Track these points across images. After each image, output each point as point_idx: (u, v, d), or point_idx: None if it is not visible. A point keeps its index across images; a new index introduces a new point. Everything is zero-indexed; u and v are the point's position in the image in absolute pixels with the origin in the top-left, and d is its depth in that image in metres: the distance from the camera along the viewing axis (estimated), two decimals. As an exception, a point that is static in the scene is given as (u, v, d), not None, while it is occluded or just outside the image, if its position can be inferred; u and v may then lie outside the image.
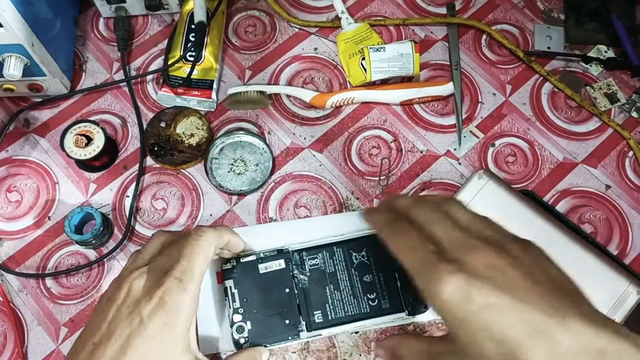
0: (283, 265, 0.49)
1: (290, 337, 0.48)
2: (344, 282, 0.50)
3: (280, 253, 0.50)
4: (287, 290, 0.49)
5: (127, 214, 0.60)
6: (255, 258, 0.50)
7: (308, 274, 0.50)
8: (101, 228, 0.57)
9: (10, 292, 0.57)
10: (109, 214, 0.60)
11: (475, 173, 0.59)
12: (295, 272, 0.49)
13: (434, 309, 0.37)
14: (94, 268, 0.58)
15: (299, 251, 0.51)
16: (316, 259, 0.50)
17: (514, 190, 0.59)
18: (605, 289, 0.55)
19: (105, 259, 0.58)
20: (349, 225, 0.59)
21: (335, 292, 0.49)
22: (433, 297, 0.36)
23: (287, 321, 0.48)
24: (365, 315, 0.49)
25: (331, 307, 0.49)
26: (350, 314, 0.49)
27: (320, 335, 0.49)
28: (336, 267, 0.50)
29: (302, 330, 0.48)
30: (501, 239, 0.39)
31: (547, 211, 0.59)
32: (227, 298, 0.49)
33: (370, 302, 0.49)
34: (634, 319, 0.55)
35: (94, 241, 0.57)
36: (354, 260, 0.51)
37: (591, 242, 0.58)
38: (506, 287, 0.35)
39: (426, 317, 0.55)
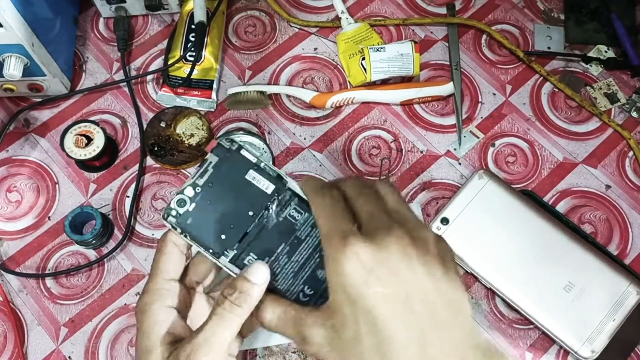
0: (268, 191, 0.43)
1: (211, 250, 0.42)
2: (300, 254, 0.43)
3: (278, 179, 0.43)
4: (250, 213, 0.42)
5: (127, 214, 0.60)
6: (254, 161, 0.44)
7: (280, 218, 0.43)
8: (101, 228, 0.57)
9: (10, 292, 0.57)
10: (109, 214, 0.60)
11: (476, 173, 0.59)
12: (272, 206, 0.43)
13: (329, 277, 0.36)
14: (94, 268, 0.58)
15: (293, 194, 0.44)
16: (299, 215, 0.43)
17: (514, 190, 0.59)
18: (605, 289, 0.55)
19: (105, 259, 0.58)
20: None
21: (284, 256, 0.43)
22: (333, 267, 0.35)
23: (223, 236, 0.42)
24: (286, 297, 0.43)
25: (267, 264, 0.42)
26: (274, 286, 0.42)
27: (235, 275, 0.42)
28: (308, 237, 0.43)
29: (226, 256, 0.42)
30: (420, 226, 0.38)
31: (547, 211, 0.59)
32: (199, 168, 0.43)
33: (304, 292, 0.42)
34: (634, 319, 0.55)
35: (94, 241, 0.57)
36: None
37: (591, 242, 0.58)
38: (405, 280, 0.34)
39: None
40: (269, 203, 0.43)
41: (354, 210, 0.39)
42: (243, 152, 0.43)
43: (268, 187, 0.43)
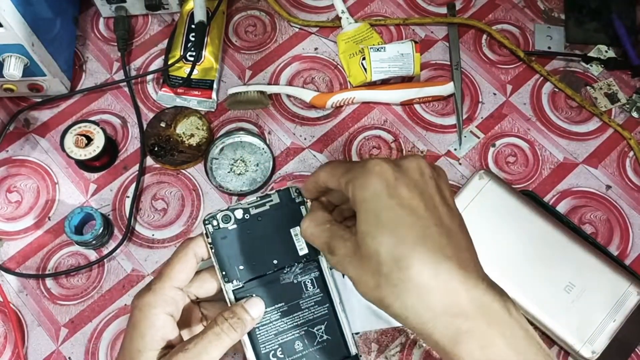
0: (301, 253, 0.44)
1: (224, 273, 0.42)
2: (292, 320, 0.43)
3: (314, 248, 0.44)
4: (274, 261, 0.43)
5: (127, 214, 0.60)
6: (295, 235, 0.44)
7: (295, 281, 0.44)
8: (101, 228, 0.57)
9: (10, 293, 0.57)
10: (109, 215, 0.60)
11: (476, 173, 0.59)
12: (297, 267, 0.43)
13: (352, 201, 0.38)
14: (94, 269, 0.58)
15: (318, 267, 0.44)
16: (311, 287, 0.44)
17: (514, 191, 0.59)
18: (605, 289, 0.55)
19: (105, 260, 0.58)
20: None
21: (278, 313, 0.43)
22: (358, 182, 0.37)
23: (241, 267, 0.43)
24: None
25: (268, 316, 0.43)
26: (253, 332, 0.42)
27: (229, 301, 0.42)
28: (307, 310, 0.44)
29: (233, 284, 0.42)
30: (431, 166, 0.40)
31: (548, 211, 0.59)
32: (259, 199, 0.44)
33: (275, 353, 0.43)
34: (634, 319, 0.55)
35: (94, 242, 0.57)
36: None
37: (591, 242, 0.58)
38: (424, 198, 0.36)
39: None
40: (295, 263, 0.44)
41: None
42: (302, 208, 0.45)
43: (303, 249, 0.45)
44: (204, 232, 0.42)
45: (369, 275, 0.36)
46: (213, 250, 0.42)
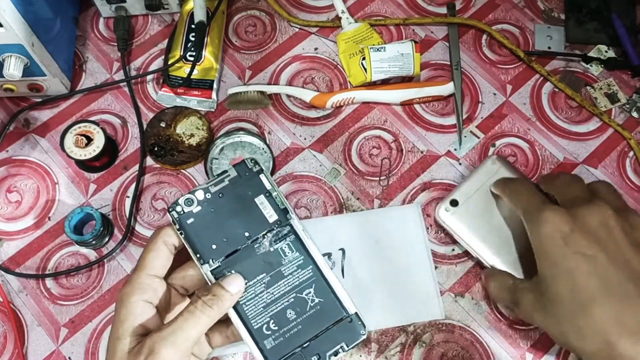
0: (270, 220, 0.43)
1: (198, 255, 0.42)
2: (277, 289, 0.42)
3: (283, 212, 0.43)
4: (246, 233, 0.43)
5: (127, 214, 0.60)
6: (268, 188, 0.44)
7: (271, 249, 0.43)
8: (101, 228, 0.57)
9: (10, 293, 0.57)
10: (109, 215, 0.60)
11: (489, 158, 0.59)
12: (269, 235, 0.43)
13: (534, 247, 0.40)
14: (94, 269, 0.58)
15: (292, 230, 0.43)
16: (290, 252, 0.43)
17: (526, 178, 0.59)
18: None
19: (105, 260, 0.58)
20: (349, 226, 0.59)
21: (262, 285, 0.42)
22: (534, 234, 0.39)
23: (214, 246, 0.42)
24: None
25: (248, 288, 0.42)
26: (242, 310, 0.42)
27: (209, 282, 0.42)
28: (290, 276, 0.43)
29: (209, 265, 0.42)
30: (623, 206, 0.41)
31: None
32: (216, 176, 0.44)
33: (268, 325, 0.42)
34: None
35: (94, 242, 0.57)
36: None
37: None
38: (606, 246, 0.37)
39: (426, 317, 0.56)
40: (266, 231, 0.43)
41: (558, 197, 0.43)
42: (262, 176, 0.44)
43: (272, 216, 0.44)
44: (170, 219, 0.43)
45: (554, 321, 0.38)
46: (183, 236, 0.42)
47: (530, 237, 0.40)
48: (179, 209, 0.43)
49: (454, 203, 0.57)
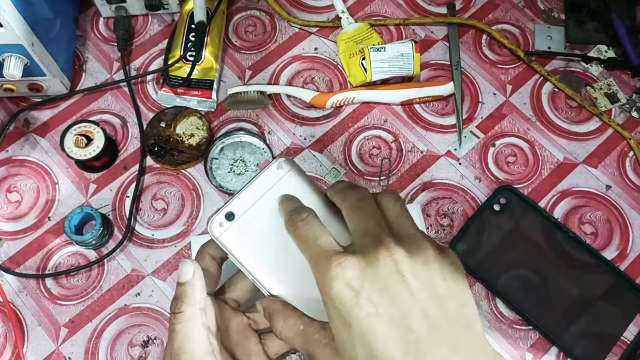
0: None
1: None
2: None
3: None
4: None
5: (127, 214, 0.60)
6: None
7: None
8: (101, 228, 0.57)
9: (10, 293, 0.57)
10: (109, 215, 0.60)
11: (275, 161, 0.44)
12: None
13: (324, 302, 0.34)
14: (94, 269, 0.58)
15: None
16: None
17: (317, 188, 0.44)
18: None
19: (105, 260, 0.58)
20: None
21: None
22: (323, 291, 0.34)
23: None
24: None
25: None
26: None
27: (266, 292, 0.41)
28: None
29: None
30: (419, 239, 0.35)
31: (529, 207, 0.59)
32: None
33: None
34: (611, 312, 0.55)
35: (94, 242, 0.57)
36: None
37: (573, 237, 0.58)
38: (399, 300, 0.32)
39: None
40: None
41: (349, 226, 0.37)
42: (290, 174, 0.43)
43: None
44: (211, 234, 0.41)
45: None
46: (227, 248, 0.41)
47: (319, 291, 0.34)
48: (218, 221, 0.41)
49: (230, 216, 0.42)
